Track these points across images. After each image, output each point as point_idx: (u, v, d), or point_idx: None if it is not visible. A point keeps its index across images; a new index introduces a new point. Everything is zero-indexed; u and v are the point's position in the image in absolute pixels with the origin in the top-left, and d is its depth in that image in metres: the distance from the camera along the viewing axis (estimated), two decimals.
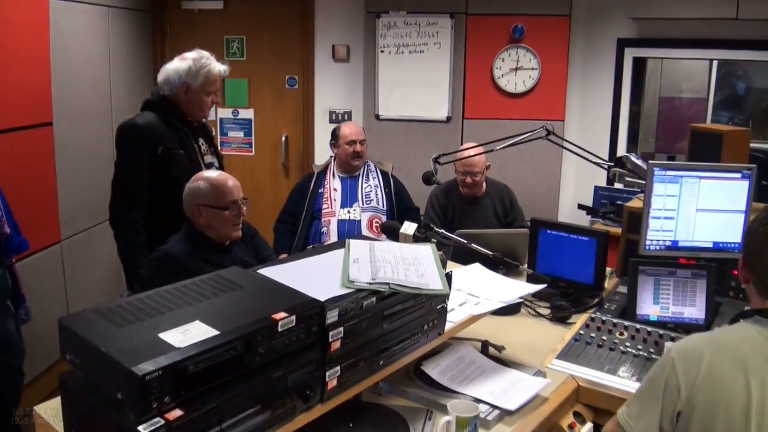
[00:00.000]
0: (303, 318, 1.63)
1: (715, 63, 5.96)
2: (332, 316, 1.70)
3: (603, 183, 5.52)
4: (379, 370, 1.92)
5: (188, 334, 1.50)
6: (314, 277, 1.90)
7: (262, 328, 1.55)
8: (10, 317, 3.42)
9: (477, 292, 2.51)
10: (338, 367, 1.75)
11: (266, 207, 5.82)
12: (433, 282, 1.94)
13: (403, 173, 5.08)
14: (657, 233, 2.98)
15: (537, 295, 3.22)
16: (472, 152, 4.34)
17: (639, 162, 3.24)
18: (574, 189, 5.71)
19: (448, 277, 2.08)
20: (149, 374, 1.33)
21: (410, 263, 2.02)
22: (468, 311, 2.35)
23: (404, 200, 4.91)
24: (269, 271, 1.93)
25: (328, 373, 1.72)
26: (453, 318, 2.28)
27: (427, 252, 2.15)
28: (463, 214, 4.63)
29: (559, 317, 3.00)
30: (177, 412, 1.38)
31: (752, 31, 5.15)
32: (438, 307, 2.10)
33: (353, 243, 2.14)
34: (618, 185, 5.37)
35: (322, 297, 1.71)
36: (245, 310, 1.65)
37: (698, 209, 2.95)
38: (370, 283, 1.83)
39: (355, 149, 4.78)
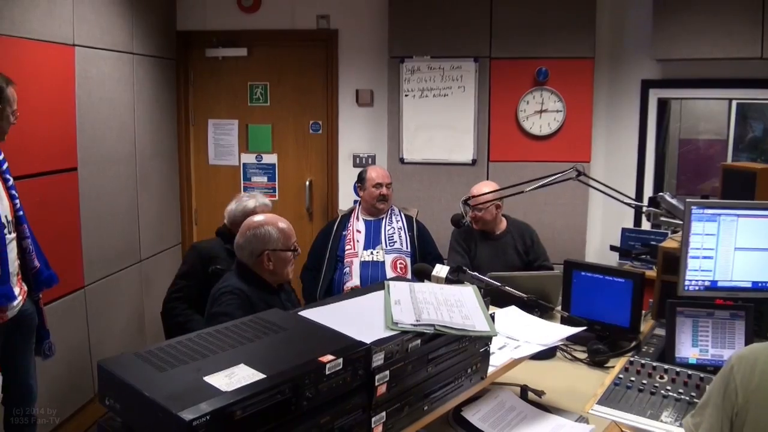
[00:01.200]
0: (350, 361, 1.59)
1: (734, 104, 5.93)
2: (378, 358, 1.66)
3: (630, 224, 5.47)
4: (423, 416, 1.87)
5: (234, 378, 1.46)
6: (357, 319, 1.86)
7: (309, 371, 1.51)
8: (32, 360, 3.44)
9: (516, 335, 2.47)
10: (383, 413, 1.71)
11: None
12: (479, 323, 1.90)
13: (428, 217, 5.06)
14: (696, 273, 2.92)
15: (572, 339, 3.14)
16: (486, 189, 4.40)
17: (674, 201, 3.20)
18: (601, 231, 5.65)
19: (493, 319, 2.04)
20: (197, 419, 1.30)
21: (452, 305, 1.98)
22: (509, 355, 2.30)
23: (428, 245, 4.88)
24: (311, 313, 1.89)
25: (374, 419, 1.68)
26: (494, 362, 2.23)
27: (469, 293, 2.11)
28: (484, 251, 4.63)
29: (597, 361, 2.94)
30: None
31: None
32: (481, 350, 2.06)
33: (393, 284, 2.11)
34: (645, 227, 5.33)
35: (367, 339, 1.67)
36: (290, 353, 1.61)
37: (737, 248, 2.90)
38: (414, 325, 1.79)
39: (382, 192, 4.79)
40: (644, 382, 2.63)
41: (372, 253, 4.67)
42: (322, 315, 1.87)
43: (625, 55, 5.63)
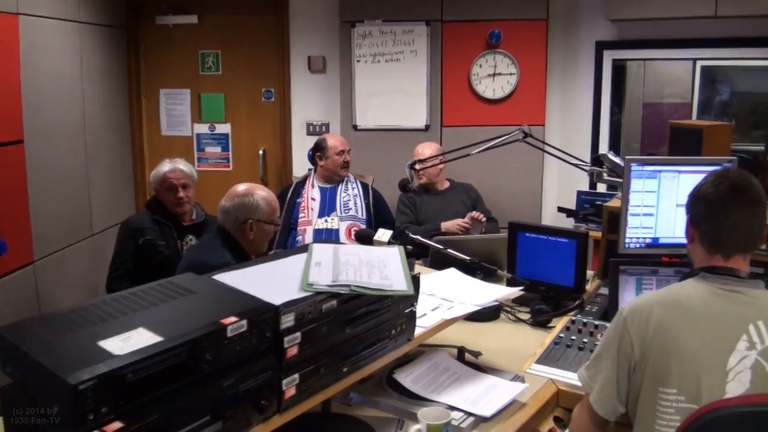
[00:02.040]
0: (255, 323, 1.53)
1: (698, 68, 5.90)
2: (287, 320, 1.60)
3: (585, 187, 5.44)
4: (343, 377, 1.82)
5: (129, 342, 1.40)
6: (273, 281, 1.80)
7: (209, 334, 1.45)
8: None
9: (451, 296, 2.42)
10: (296, 375, 1.65)
11: None
12: (397, 283, 1.84)
13: (383, 183, 5.00)
14: (636, 230, 2.89)
15: (517, 300, 3.15)
16: (428, 150, 4.62)
17: (617, 159, 3.16)
18: (556, 194, 5.62)
19: (416, 280, 1.99)
20: (83, 383, 1.24)
21: (375, 265, 1.93)
22: (440, 316, 2.25)
23: (383, 212, 4.86)
24: (226, 277, 1.83)
25: (284, 382, 1.62)
26: (425, 323, 2.19)
27: (394, 254, 2.05)
28: (430, 206, 4.80)
29: (540, 321, 2.91)
30: (116, 425, 1.29)
31: (731, 28, 5.10)
32: (406, 311, 2.01)
33: (316, 247, 2.05)
34: (601, 189, 5.30)
35: (279, 301, 1.61)
36: (194, 316, 1.55)
37: (678, 204, 2.85)
38: (330, 286, 1.74)
39: (345, 159, 4.76)
40: (585, 340, 2.61)
41: (326, 220, 4.63)
42: (239, 278, 1.81)
43: (579, 16, 5.57)
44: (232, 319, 1.49)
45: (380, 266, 1.93)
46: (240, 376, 1.51)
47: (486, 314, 2.96)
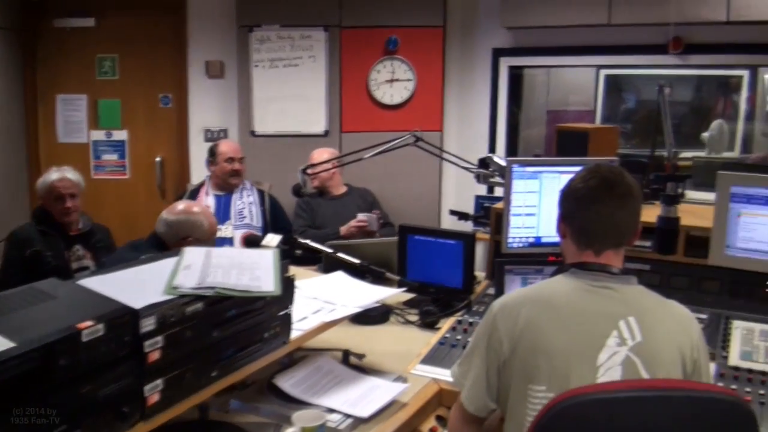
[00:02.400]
0: (113, 327, 1.49)
1: (602, 76, 6.07)
2: (148, 324, 1.56)
3: (483, 192, 5.52)
4: (212, 382, 1.78)
5: None
6: (140, 285, 1.75)
7: (63, 338, 1.40)
8: None
9: (334, 299, 2.42)
10: (160, 381, 1.61)
11: (143, 233, 5.53)
12: (265, 284, 1.83)
13: (282, 189, 4.95)
14: (519, 230, 2.95)
15: (408, 303, 3.17)
16: (326, 155, 4.58)
17: (501, 161, 3.22)
18: (455, 199, 5.69)
19: (289, 281, 1.98)
20: None
21: (246, 267, 1.90)
22: (320, 318, 2.24)
23: (280, 219, 4.83)
24: (91, 282, 1.77)
25: (146, 388, 1.58)
26: (304, 326, 2.17)
27: (268, 256, 2.03)
28: (327, 210, 4.83)
29: (428, 323, 2.93)
30: None
31: (626, 36, 5.23)
32: (280, 313, 1.99)
33: (188, 250, 2.01)
34: (498, 192, 5.38)
35: (139, 304, 1.57)
36: (51, 321, 1.49)
37: None
38: (195, 288, 1.70)
39: (234, 167, 4.71)
40: (470, 340, 2.62)
41: (221, 229, 4.55)
42: (104, 283, 1.75)
43: (476, 24, 5.66)
44: (88, 323, 1.45)
45: (251, 268, 1.90)
46: (98, 383, 1.47)
47: (375, 317, 2.97)
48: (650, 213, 2.78)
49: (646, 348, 1.73)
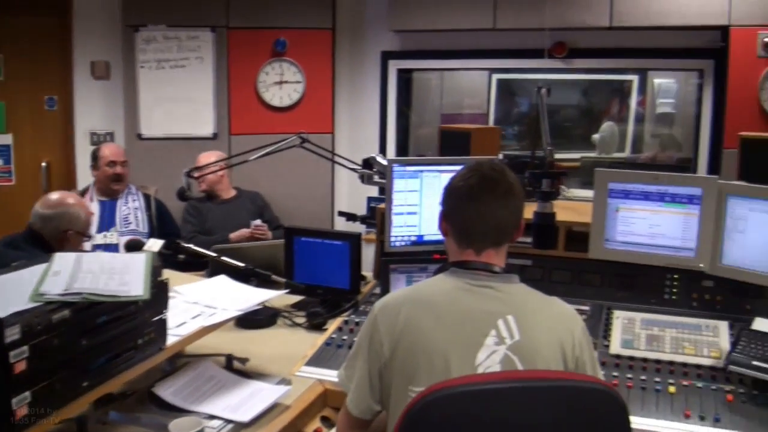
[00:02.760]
0: None
1: (494, 81, 6.20)
2: (12, 333, 1.49)
3: (376, 193, 5.55)
4: (84, 393, 1.71)
5: None
6: (5, 293, 1.68)
7: None
8: None
9: (215, 303, 2.37)
10: (27, 393, 1.54)
11: None
12: (134, 289, 1.78)
13: (170, 195, 4.84)
14: (401, 229, 2.97)
15: (297, 306, 3.16)
16: (213, 158, 4.48)
17: (384, 161, 3.24)
18: (347, 201, 5.70)
19: (162, 285, 1.93)
20: None
21: (116, 272, 1.84)
22: (199, 323, 2.20)
23: (167, 224, 4.69)
24: None
25: (14, 401, 1.50)
26: (183, 332, 2.13)
27: (140, 260, 1.97)
28: (216, 215, 4.76)
29: (315, 324, 2.92)
30: None
31: (511, 40, 5.35)
32: (154, 319, 1.94)
33: (59, 256, 1.94)
34: None
35: (3, 313, 1.50)
36: None
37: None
38: (62, 295, 1.64)
39: (116, 171, 4.55)
40: (356, 339, 2.63)
41: (106, 235, 4.41)
42: None
43: (365, 27, 5.70)
44: None
45: (122, 272, 1.85)
46: None
47: (262, 321, 2.95)
48: (528, 210, 2.87)
49: (524, 346, 1.74)
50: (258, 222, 4.56)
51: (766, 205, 2.54)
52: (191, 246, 3.13)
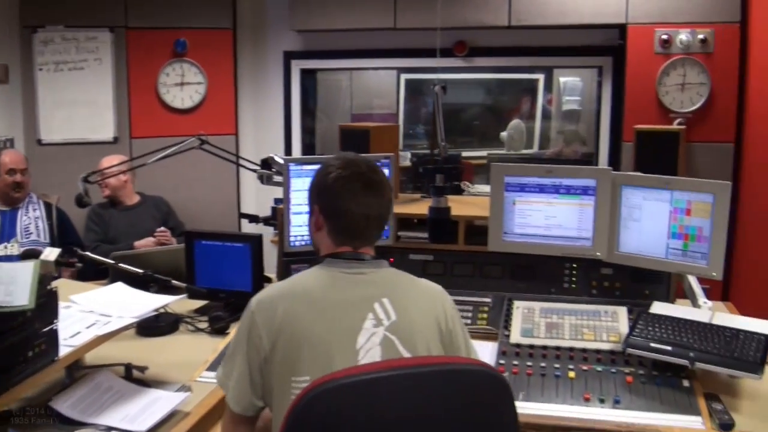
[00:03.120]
0: None
1: (402, 81, 6.25)
2: None
3: (281, 195, 5.51)
4: None
5: None
6: None
7: None
8: None
9: (111, 311, 2.32)
10: None
11: None
12: (19, 299, 1.73)
13: (72, 202, 4.72)
14: (301, 228, 2.97)
15: (199, 311, 3.11)
16: (116, 161, 4.41)
17: (282, 161, 3.22)
18: (255, 203, 5.66)
19: (51, 294, 1.88)
20: None
21: (2, 282, 1.79)
22: (94, 332, 2.15)
23: (68, 234, 4.57)
24: None
25: None
26: (77, 342, 2.08)
27: (27, 269, 1.91)
28: (120, 222, 4.65)
29: (217, 329, 2.88)
30: None
31: (412, 40, 5.40)
32: (44, 330, 1.88)
33: None
34: None
35: None
36: None
37: None
38: None
39: (16, 179, 4.41)
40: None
41: (6, 247, 4.27)
42: None
43: (266, 27, 5.69)
44: None
45: (7, 282, 1.79)
46: None
47: (163, 327, 2.90)
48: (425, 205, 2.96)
49: (401, 325, 1.80)
50: (161, 228, 4.48)
51: (659, 193, 2.65)
52: (88, 254, 3.06)
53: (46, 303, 1.86)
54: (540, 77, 6.48)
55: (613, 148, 5.33)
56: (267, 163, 3.35)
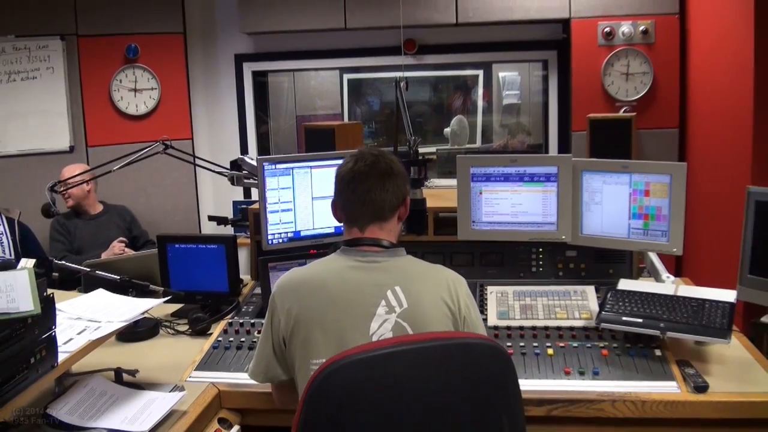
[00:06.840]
0: None
1: (345, 81, 6.31)
2: None
3: (241, 197, 5.56)
4: None
5: None
6: None
7: None
8: None
9: (98, 317, 2.36)
10: None
11: None
12: (23, 305, 1.77)
13: (33, 216, 4.67)
14: (277, 226, 3.04)
15: (177, 314, 3.13)
16: (78, 170, 4.39)
17: (253, 162, 3.27)
18: (214, 206, 5.68)
19: (48, 300, 1.91)
20: None
21: (2, 290, 1.82)
22: (87, 337, 2.18)
23: (32, 250, 4.49)
24: None
25: None
26: (71, 348, 2.11)
27: (23, 277, 1.95)
28: (85, 232, 4.68)
29: (198, 330, 2.92)
30: None
31: (363, 40, 5.50)
32: (44, 336, 1.92)
33: None
34: (255, 195, 5.44)
35: None
36: None
37: (314, 197, 3.08)
38: None
39: None
40: (242, 340, 2.67)
41: None
42: None
43: (216, 30, 5.71)
44: None
45: (7, 291, 1.83)
46: None
47: (144, 332, 2.91)
48: None
49: (413, 312, 1.92)
50: (121, 239, 4.51)
51: (617, 177, 2.79)
52: (65, 263, 3.07)
53: (46, 309, 1.89)
54: (479, 73, 6.61)
55: (562, 138, 5.49)
56: (236, 165, 3.39)
